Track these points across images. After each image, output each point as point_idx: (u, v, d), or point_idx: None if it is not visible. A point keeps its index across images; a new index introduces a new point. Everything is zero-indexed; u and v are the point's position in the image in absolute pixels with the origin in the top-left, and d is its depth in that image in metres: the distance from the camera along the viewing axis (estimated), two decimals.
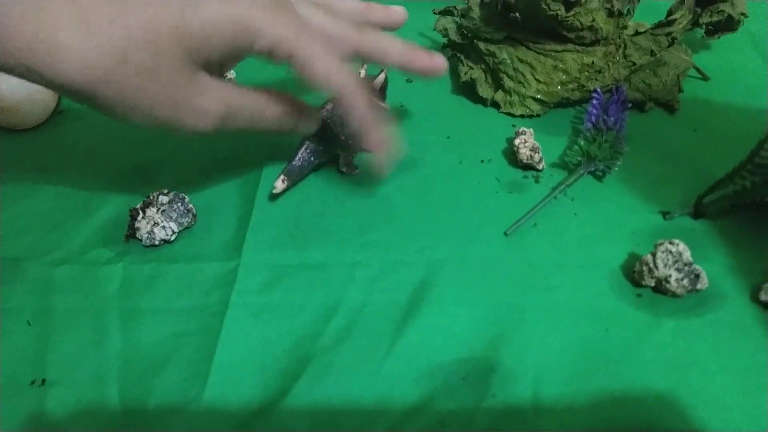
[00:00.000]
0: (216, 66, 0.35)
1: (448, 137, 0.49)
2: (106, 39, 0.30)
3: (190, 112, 0.35)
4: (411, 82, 0.55)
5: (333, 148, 0.45)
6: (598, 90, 0.48)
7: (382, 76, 0.46)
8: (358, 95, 0.38)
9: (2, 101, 0.49)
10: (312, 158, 0.44)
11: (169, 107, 0.34)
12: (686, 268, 0.37)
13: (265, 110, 0.38)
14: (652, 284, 0.37)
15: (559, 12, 0.46)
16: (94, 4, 0.31)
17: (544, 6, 0.46)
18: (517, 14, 0.48)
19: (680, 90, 0.52)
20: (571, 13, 0.47)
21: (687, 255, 0.37)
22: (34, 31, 0.29)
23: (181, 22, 0.32)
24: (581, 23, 0.47)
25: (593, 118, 0.46)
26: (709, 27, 0.55)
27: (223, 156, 0.48)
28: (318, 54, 0.36)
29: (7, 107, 0.49)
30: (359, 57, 0.40)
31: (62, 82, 0.31)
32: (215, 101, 0.35)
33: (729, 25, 0.55)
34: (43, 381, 0.34)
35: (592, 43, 0.50)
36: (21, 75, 0.31)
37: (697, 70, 0.56)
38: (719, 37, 0.56)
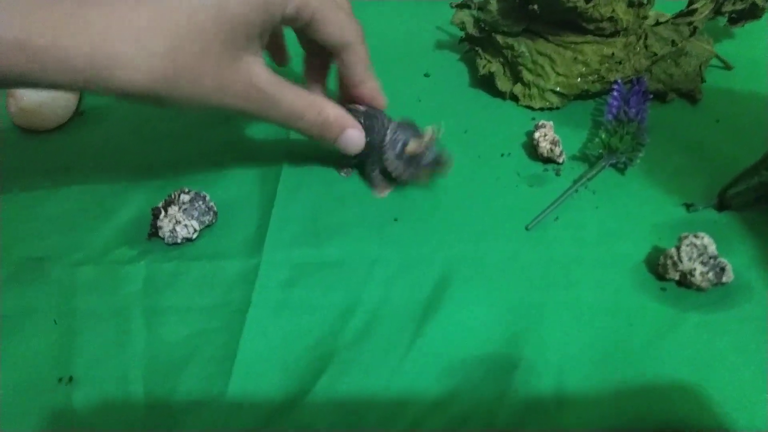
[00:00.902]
0: (255, 44, 0.36)
1: (466, 131, 0.49)
2: (154, 42, 0.32)
3: (234, 94, 0.36)
4: (428, 76, 0.55)
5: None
6: (619, 81, 0.47)
7: (416, 144, 0.41)
8: (366, 48, 0.41)
9: (24, 102, 0.49)
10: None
11: (218, 91, 0.35)
12: (711, 261, 0.36)
13: (304, 114, 0.39)
14: (677, 278, 0.37)
15: (578, 3, 0.46)
16: (134, 11, 0.32)
17: None
18: (536, 6, 0.48)
19: (702, 80, 0.52)
20: (591, 4, 0.46)
21: (712, 248, 0.37)
22: (91, 47, 0.31)
23: (218, 5, 0.33)
24: (601, 14, 0.47)
25: (614, 110, 0.46)
26: (732, 15, 0.54)
27: (243, 154, 0.48)
28: (334, 10, 0.38)
29: (28, 108, 0.49)
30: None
31: (122, 89, 0.32)
32: (255, 86, 0.36)
33: (753, 12, 0.54)
34: (70, 379, 0.34)
35: (612, 34, 0.49)
36: (77, 88, 0.32)
37: (720, 59, 0.55)
38: (743, 26, 0.55)
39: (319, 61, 0.45)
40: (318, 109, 0.40)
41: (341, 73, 0.43)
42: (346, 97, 0.44)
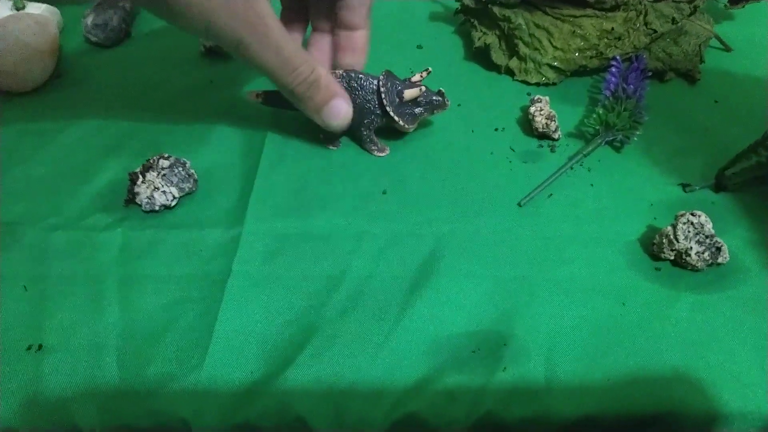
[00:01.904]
0: None
1: (459, 105, 0.47)
2: None
3: (234, 11, 0.35)
4: (421, 47, 0.53)
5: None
6: (618, 58, 0.46)
7: (416, 90, 0.41)
8: None
9: (1, 64, 0.47)
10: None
11: (221, 7, 0.34)
12: (707, 240, 0.35)
13: (298, 65, 0.38)
14: (672, 257, 0.36)
15: None
16: None
17: None
18: None
19: (702, 60, 0.50)
20: None
21: (709, 227, 0.36)
22: None
23: None
24: None
25: (612, 86, 0.45)
26: None
27: (227, 122, 0.46)
28: None
29: (4, 70, 0.47)
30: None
31: None
32: (256, 11, 0.35)
33: None
34: (40, 347, 0.33)
35: (612, 9, 0.48)
36: None
37: (719, 40, 0.53)
38: (743, 7, 0.54)
39: (298, 20, 0.44)
40: (313, 66, 0.38)
41: (339, 17, 0.41)
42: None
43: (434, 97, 0.42)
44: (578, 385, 0.31)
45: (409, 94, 0.41)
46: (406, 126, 0.42)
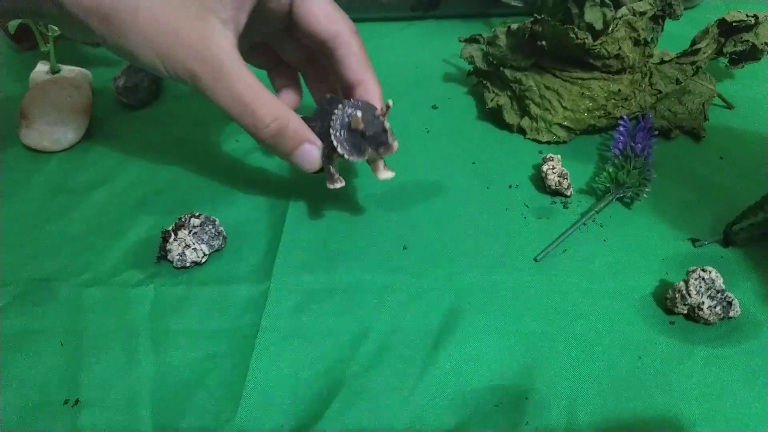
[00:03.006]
0: (227, 9, 0.35)
1: (474, 163, 0.49)
2: None
3: (187, 49, 0.34)
4: (436, 108, 0.56)
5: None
6: (625, 117, 0.48)
7: (358, 118, 0.37)
8: (360, 41, 0.40)
9: (36, 123, 0.49)
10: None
11: (171, 35, 0.34)
12: (719, 295, 0.37)
13: (256, 110, 0.36)
14: (685, 311, 0.37)
15: (586, 40, 0.47)
16: None
17: (572, 35, 0.47)
18: (544, 42, 0.49)
19: (706, 118, 0.53)
20: (598, 41, 0.47)
21: (719, 282, 0.37)
22: None
23: None
24: (608, 51, 0.48)
25: (620, 145, 0.47)
26: (733, 56, 0.55)
27: (252, 178, 0.48)
28: None
29: (40, 129, 0.50)
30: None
31: (76, 7, 0.32)
32: (211, 50, 0.34)
33: (753, 54, 0.55)
34: (77, 401, 0.34)
35: (619, 71, 0.50)
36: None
37: (722, 98, 0.56)
38: (743, 66, 0.56)
39: (285, 76, 0.45)
40: (277, 112, 0.37)
41: (337, 76, 0.41)
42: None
43: (381, 134, 0.38)
44: None
45: (354, 121, 0.37)
46: (347, 156, 0.38)
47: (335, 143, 0.38)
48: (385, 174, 0.41)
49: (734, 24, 0.51)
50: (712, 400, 0.34)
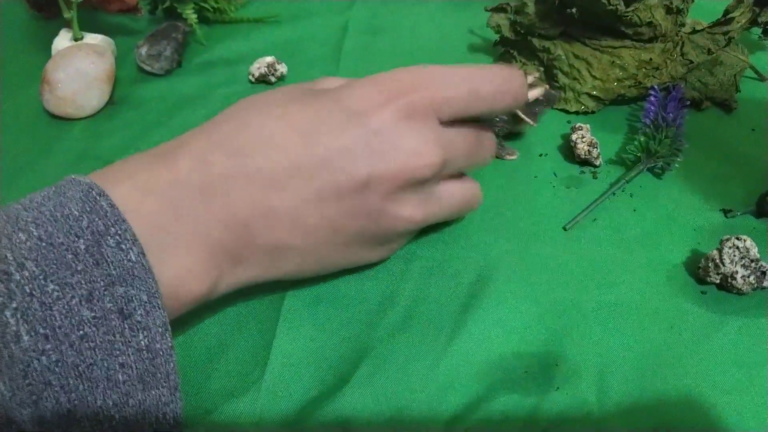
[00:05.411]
0: None
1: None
2: (208, 253, 0.31)
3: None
4: None
5: None
6: (656, 87, 0.47)
7: (539, 90, 0.45)
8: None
9: (59, 90, 0.49)
10: None
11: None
12: (753, 264, 0.36)
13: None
14: (717, 281, 0.37)
15: (618, 7, 0.46)
16: (183, 228, 0.30)
17: (604, 1, 0.46)
18: (574, 10, 0.48)
19: (738, 90, 0.51)
20: (631, 8, 0.46)
21: (754, 251, 0.36)
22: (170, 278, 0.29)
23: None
24: (640, 19, 0.47)
25: (651, 115, 0.46)
26: (767, 27, 0.54)
27: None
28: None
29: (64, 97, 0.49)
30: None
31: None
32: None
33: None
34: None
35: (650, 40, 0.49)
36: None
37: (754, 70, 0.54)
38: None
39: None
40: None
41: None
42: None
43: (552, 92, 0.46)
44: (630, 405, 0.32)
45: (533, 94, 0.43)
46: (532, 123, 0.43)
47: (521, 114, 0.43)
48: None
49: None
50: (745, 369, 0.33)
